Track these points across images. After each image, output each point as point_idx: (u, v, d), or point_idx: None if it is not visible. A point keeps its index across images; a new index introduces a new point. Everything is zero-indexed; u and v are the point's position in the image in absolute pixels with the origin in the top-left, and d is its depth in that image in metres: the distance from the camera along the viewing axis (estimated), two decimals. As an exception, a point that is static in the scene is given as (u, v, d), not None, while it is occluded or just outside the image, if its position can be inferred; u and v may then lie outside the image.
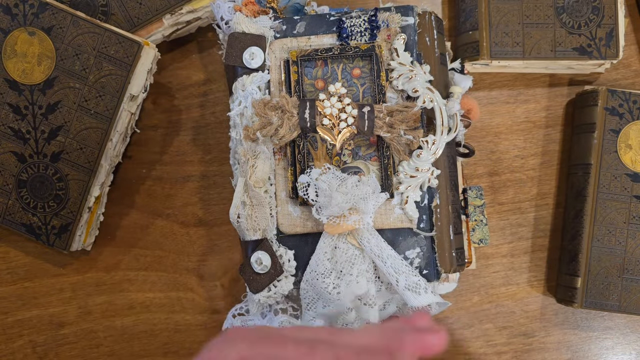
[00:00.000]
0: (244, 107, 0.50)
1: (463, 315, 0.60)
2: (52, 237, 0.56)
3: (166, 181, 0.61)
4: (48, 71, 0.55)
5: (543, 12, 0.57)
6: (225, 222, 0.60)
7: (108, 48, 0.54)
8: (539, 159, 0.61)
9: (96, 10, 0.56)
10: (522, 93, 0.62)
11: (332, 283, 0.46)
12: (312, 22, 0.50)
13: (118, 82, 0.55)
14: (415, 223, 0.48)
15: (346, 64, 0.50)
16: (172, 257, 0.60)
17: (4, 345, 0.60)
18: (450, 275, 0.53)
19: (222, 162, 0.61)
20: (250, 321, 0.54)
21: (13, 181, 0.56)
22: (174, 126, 0.61)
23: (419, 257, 0.48)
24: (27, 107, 0.55)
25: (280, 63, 0.50)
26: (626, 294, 0.56)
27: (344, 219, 0.46)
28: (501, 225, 0.61)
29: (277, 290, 0.49)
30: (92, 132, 0.55)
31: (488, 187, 0.61)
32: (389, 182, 0.48)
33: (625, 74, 0.62)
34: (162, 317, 0.60)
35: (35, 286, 0.61)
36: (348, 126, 0.47)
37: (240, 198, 0.49)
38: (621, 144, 0.57)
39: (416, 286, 0.46)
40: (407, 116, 0.47)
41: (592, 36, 0.57)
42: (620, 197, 0.56)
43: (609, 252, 0.56)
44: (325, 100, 0.47)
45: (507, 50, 0.57)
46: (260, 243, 0.49)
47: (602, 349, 0.60)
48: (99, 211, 0.59)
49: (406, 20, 0.49)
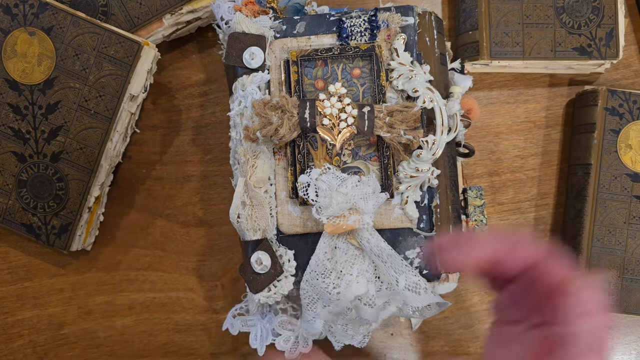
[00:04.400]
0: (244, 107, 0.50)
1: (463, 315, 0.60)
2: (52, 237, 0.56)
3: (166, 181, 0.61)
4: (48, 71, 0.55)
5: (543, 12, 0.57)
6: (225, 222, 0.60)
7: (108, 48, 0.54)
8: (539, 159, 0.61)
9: (96, 10, 0.56)
10: (522, 93, 0.62)
11: (332, 283, 0.46)
12: (312, 22, 0.50)
13: (118, 82, 0.55)
14: (415, 223, 0.48)
15: (346, 64, 0.50)
16: (172, 257, 0.60)
17: (4, 345, 0.60)
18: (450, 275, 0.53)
19: (222, 162, 0.61)
20: (250, 321, 0.54)
21: (13, 181, 0.56)
22: (174, 126, 0.61)
23: (419, 257, 0.48)
24: (27, 107, 0.55)
25: (280, 63, 0.50)
26: (626, 294, 0.56)
27: (344, 219, 0.46)
28: (501, 225, 0.61)
29: (277, 290, 0.49)
30: (92, 132, 0.55)
31: (488, 187, 0.61)
32: (389, 182, 0.48)
33: (625, 74, 0.62)
34: (162, 317, 0.60)
35: (35, 286, 0.61)
36: (348, 126, 0.47)
37: (240, 198, 0.49)
38: (621, 144, 0.57)
39: (416, 286, 0.46)
40: (407, 116, 0.47)
41: (592, 36, 0.57)
42: (620, 197, 0.56)
43: (609, 252, 0.56)
44: (325, 100, 0.47)
45: (507, 50, 0.57)
46: (260, 243, 0.49)
47: (602, 349, 0.60)
48: (99, 211, 0.59)
49: (406, 20, 0.49)
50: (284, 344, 0.54)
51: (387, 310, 0.50)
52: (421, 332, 0.60)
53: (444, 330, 0.60)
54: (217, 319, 0.60)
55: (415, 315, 0.51)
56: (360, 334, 0.50)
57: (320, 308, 0.47)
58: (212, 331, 0.60)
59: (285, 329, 0.54)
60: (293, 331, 0.54)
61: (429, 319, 0.59)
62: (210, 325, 0.60)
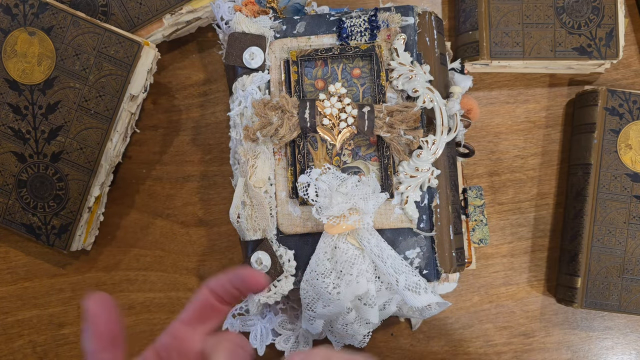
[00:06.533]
0: (244, 107, 0.50)
1: (463, 315, 0.60)
2: (52, 237, 0.56)
3: (166, 181, 0.61)
4: (48, 71, 0.55)
5: (543, 12, 0.57)
6: (225, 222, 0.60)
7: (108, 48, 0.54)
8: (539, 159, 0.61)
9: (96, 10, 0.56)
10: (522, 93, 0.62)
11: (332, 283, 0.46)
12: (312, 22, 0.50)
13: (118, 82, 0.55)
14: (415, 223, 0.48)
15: (346, 64, 0.50)
16: (172, 257, 0.60)
17: (4, 345, 0.60)
18: (450, 275, 0.53)
19: (222, 162, 0.61)
20: (250, 321, 0.54)
21: (13, 181, 0.56)
22: (174, 126, 0.61)
23: (419, 257, 0.48)
24: (27, 107, 0.55)
25: (280, 63, 0.50)
26: (626, 294, 0.56)
27: (344, 219, 0.46)
28: (501, 225, 0.61)
29: (277, 290, 0.49)
30: (92, 132, 0.55)
31: (488, 187, 0.61)
32: (389, 182, 0.48)
33: (625, 74, 0.62)
34: (162, 317, 0.60)
35: (35, 286, 0.61)
36: (348, 126, 0.47)
37: (240, 198, 0.49)
38: (621, 144, 0.57)
39: (416, 286, 0.46)
40: (407, 116, 0.47)
41: (592, 36, 0.57)
42: (620, 197, 0.56)
43: (609, 252, 0.56)
44: (325, 100, 0.48)
45: (507, 50, 0.57)
46: (260, 243, 0.49)
47: (602, 349, 0.60)
48: (99, 211, 0.59)
49: (406, 20, 0.49)
50: (284, 344, 0.54)
51: (387, 310, 0.50)
52: (421, 332, 0.60)
53: (444, 330, 0.60)
54: (217, 319, 0.60)
55: (415, 315, 0.51)
56: (360, 334, 0.50)
57: (320, 308, 0.47)
58: (212, 331, 0.60)
59: (285, 329, 0.54)
60: (293, 331, 0.54)
61: (429, 319, 0.59)
62: (210, 325, 0.60)
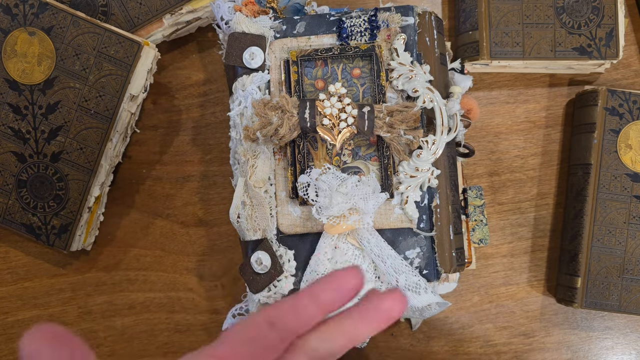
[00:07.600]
0: (244, 107, 0.50)
1: (463, 315, 0.60)
2: (52, 237, 0.56)
3: (166, 181, 0.61)
4: (48, 71, 0.55)
5: (543, 12, 0.57)
6: (225, 222, 0.60)
7: (108, 48, 0.54)
8: (539, 159, 0.61)
9: (96, 10, 0.56)
10: (522, 93, 0.62)
11: (332, 283, 0.46)
12: (312, 22, 0.50)
13: (118, 82, 0.55)
14: (415, 223, 0.48)
15: (346, 64, 0.50)
16: (172, 257, 0.60)
17: (4, 345, 0.60)
18: (450, 275, 0.53)
19: (222, 162, 0.61)
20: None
21: (13, 181, 0.56)
22: (174, 126, 0.61)
23: (419, 257, 0.48)
24: (27, 107, 0.55)
25: (280, 63, 0.50)
26: (626, 294, 0.56)
27: (344, 219, 0.46)
28: (501, 225, 0.61)
29: (277, 290, 0.49)
30: (92, 132, 0.55)
31: (488, 187, 0.61)
32: (389, 182, 0.48)
33: (625, 74, 0.62)
34: (162, 317, 0.60)
35: (35, 286, 0.61)
36: (348, 126, 0.47)
37: (240, 198, 0.49)
38: (621, 144, 0.57)
39: (416, 286, 0.46)
40: (407, 116, 0.47)
41: (592, 36, 0.57)
42: (620, 197, 0.56)
43: (609, 252, 0.56)
44: (325, 100, 0.47)
45: (507, 50, 0.57)
46: (260, 243, 0.49)
47: (602, 349, 0.60)
48: (99, 211, 0.59)
49: (406, 20, 0.49)
50: (284, 344, 0.54)
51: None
52: (421, 332, 0.60)
53: (444, 330, 0.60)
54: (217, 319, 0.60)
55: (415, 315, 0.51)
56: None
57: (320, 308, 0.47)
58: (212, 331, 0.60)
59: (285, 329, 0.54)
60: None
61: (429, 319, 0.59)
62: (210, 326, 0.60)
